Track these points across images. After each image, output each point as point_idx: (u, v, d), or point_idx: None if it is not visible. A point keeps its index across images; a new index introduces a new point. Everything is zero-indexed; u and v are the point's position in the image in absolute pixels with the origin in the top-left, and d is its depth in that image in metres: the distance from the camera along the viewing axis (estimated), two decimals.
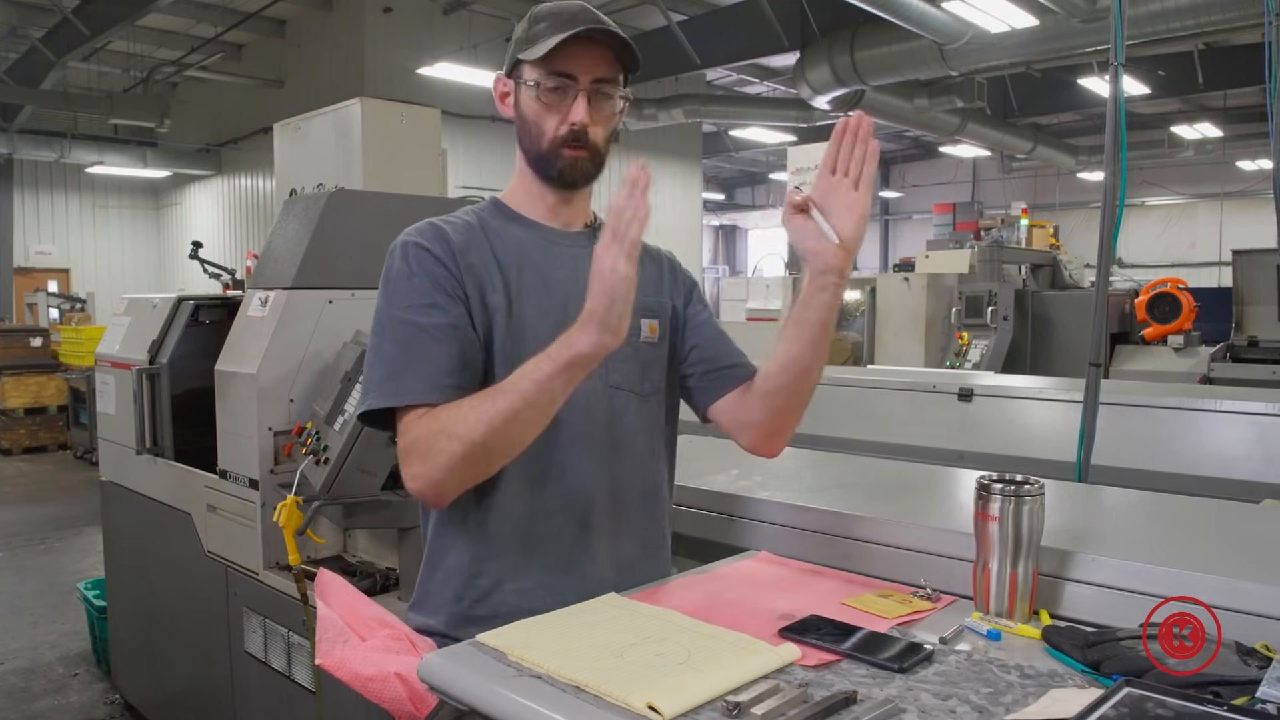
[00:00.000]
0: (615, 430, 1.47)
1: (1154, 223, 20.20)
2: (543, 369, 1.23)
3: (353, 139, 3.32)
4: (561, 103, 1.41)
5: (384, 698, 1.29)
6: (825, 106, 10.96)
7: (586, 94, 1.40)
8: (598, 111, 1.42)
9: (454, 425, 1.25)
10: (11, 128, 13.88)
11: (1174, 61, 11.86)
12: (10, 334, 10.33)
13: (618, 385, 1.48)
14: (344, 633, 1.39)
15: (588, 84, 1.40)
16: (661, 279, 1.57)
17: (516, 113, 1.46)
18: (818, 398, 1.51)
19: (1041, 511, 1.29)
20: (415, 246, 1.39)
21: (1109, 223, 2.09)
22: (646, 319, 1.50)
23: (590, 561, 1.44)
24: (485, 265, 1.41)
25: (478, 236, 1.44)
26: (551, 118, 1.41)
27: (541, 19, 1.41)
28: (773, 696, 1.00)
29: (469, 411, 1.26)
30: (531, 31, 1.41)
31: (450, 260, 1.38)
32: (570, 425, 1.42)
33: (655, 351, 1.52)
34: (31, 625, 4.69)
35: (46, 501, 7.61)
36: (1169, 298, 5.72)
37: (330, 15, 12.24)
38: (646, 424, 1.52)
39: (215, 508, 2.74)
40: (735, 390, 1.52)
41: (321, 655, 1.37)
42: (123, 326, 3.44)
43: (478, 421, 1.24)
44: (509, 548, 1.41)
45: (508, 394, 1.24)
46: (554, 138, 1.41)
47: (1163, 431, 3.03)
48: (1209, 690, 1.04)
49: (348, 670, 1.33)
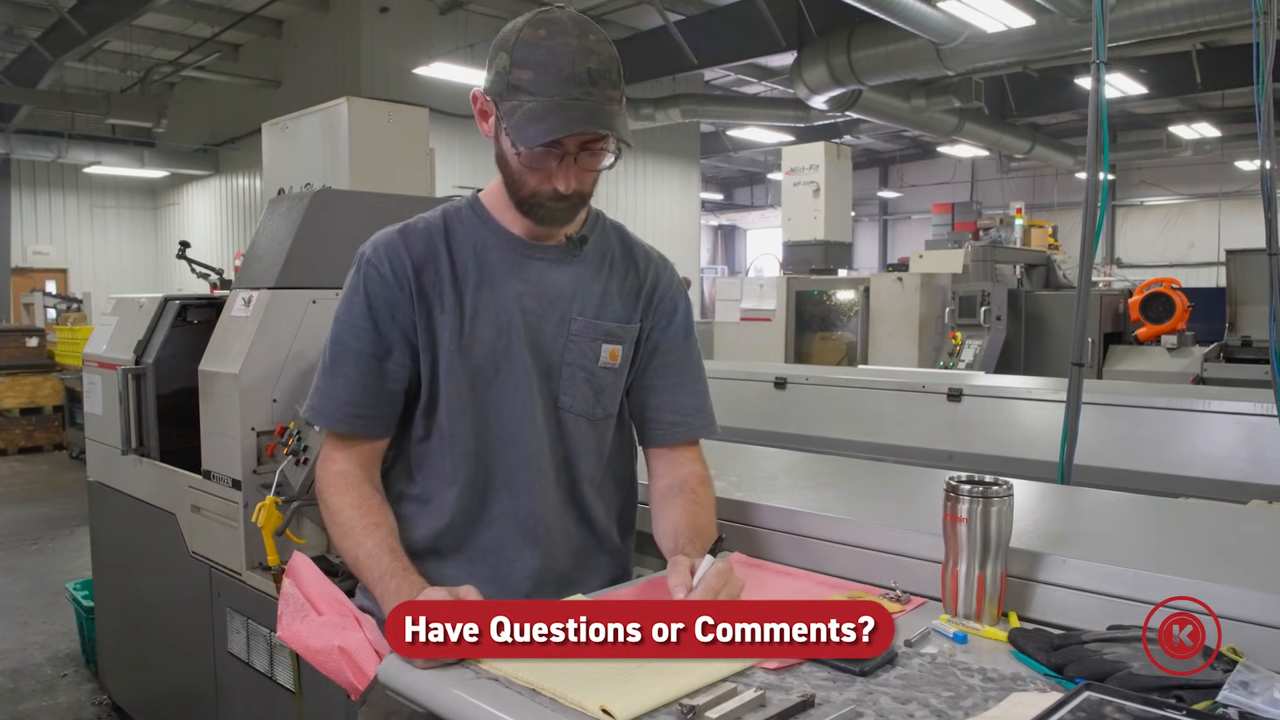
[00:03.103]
0: (562, 451, 1.46)
1: (1152, 223, 20.21)
2: (367, 572, 1.32)
3: (340, 138, 3.32)
4: (546, 163, 1.32)
5: (329, 669, 1.35)
6: (823, 106, 10.96)
7: (574, 157, 1.31)
8: (585, 169, 1.34)
9: (327, 511, 1.40)
10: (9, 128, 13.88)
11: (1171, 61, 11.87)
12: (6, 334, 10.32)
13: (567, 408, 1.46)
14: (303, 607, 1.41)
15: (575, 149, 1.31)
16: (638, 297, 1.50)
17: (496, 144, 1.37)
18: (807, 397, 1.51)
19: (1010, 513, 1.28)
20: (368, 263, 1.41)
21: (1091, 222, 2.08)
22: (609, 344, 1.46)
23: (530, 578, 1.45)
24: (437, 284, 1.40)
25: (437, 249, 1.42)
26: (535, 174, 1.34)
27: (525, 66, 1.27)
28: (729, 700, 0.99)
29: (332, 524, 1.39)
30: (512, 79, 1.28)
31: (399, 277, 1.39)
32: (518, 444, 1.43)
33: (613, 377, 1.48)
34: (21, 625, 4.68)
35: (40, 502, 7.61)
36: (1163, 298, 5.71)
37: (327, 15, 12.23)
38: (595, 446, 1.50)
39: (199, 508, 2.73)
40: (665, 446, 1.51)
41: (282, 629, 1.42)
42: (110, 326, 3.43)
43: (331, 529, 1.39)
44: (451, 561, 1.43)
45: (348, 550, 1.35)
46: (536, 190, 1.35)
47: (1151, 432, 3.02)
48: (1173, 694, 1.03)
49: (301, 643, 1.38)
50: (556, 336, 1.44)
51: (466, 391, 1.41)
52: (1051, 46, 8.52)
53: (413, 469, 1.46)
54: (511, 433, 1.42)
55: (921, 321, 6.04)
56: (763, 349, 6.53)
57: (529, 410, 1.42)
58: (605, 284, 1.48)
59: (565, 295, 1.44)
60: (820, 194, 7.39)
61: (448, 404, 1.41)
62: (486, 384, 1.41)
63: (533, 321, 1.42)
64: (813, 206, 7.45)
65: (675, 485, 1.47)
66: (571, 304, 1.44)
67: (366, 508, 1.37)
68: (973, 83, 11.55)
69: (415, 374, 1.42)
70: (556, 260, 1.45)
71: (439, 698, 1.05)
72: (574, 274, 1.45)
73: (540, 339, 1.43)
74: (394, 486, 1.48)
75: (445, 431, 1.42)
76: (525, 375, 1.42)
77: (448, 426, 1.42)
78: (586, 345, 1.44)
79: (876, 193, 23.89)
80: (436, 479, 1.44)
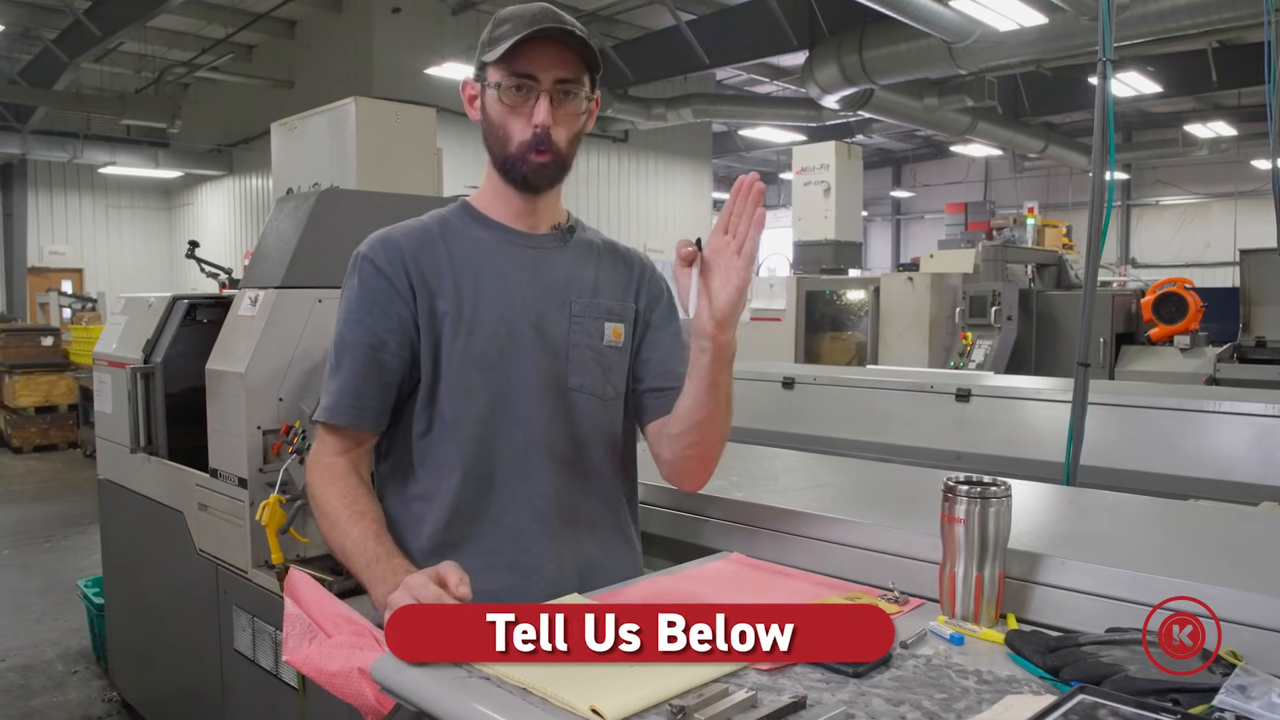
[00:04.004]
0: (575, 432, 1.47)
1: (1168, 222, 20.07)
2: (354, 559, 1.33)
3: (347, 138, 3.33)
4: (524, 105, 1.40)
5: (347, 693, 1.30)
6: (835, 106, 10.93)
7: (549, 95, 1.39)
8: (561, 111, 1.41)
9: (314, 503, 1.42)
10: (25, 129, 13.99)
11: (1187, 60, 11.77)
12: (21, 333, 10.40)
13: (578, 388, 1.47)
14: (310, 629, 1.39)
15: (550, 84, 1.40)
16: (630, 282, 1.56)
17: (483, 116, 1.46)
18: (815, 397, 1.51)
19: (1008, 514, 1.27)
20: (362, 258, 1.45)
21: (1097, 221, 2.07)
22: (611, 323, 1.51)
23: (552, 564, 1.44)
24: (437, 272, 1.44)
25: (433, 242, 1.46)
26: (515, 120, 1.41)
27: (504, 21, 1.41)
28: (719, 701, 0.98)
29: (320, 516, 1.41)
30: (494, 34, 1.41)
31: (394, 271, 1.43)
32: (527, 426, 1.43)
33: (619, 356, 1.52)
34: (34, 622, 4.71)
35: (54, 499, 7.67)
36: (1175, 297, 5.66)
37: (339, 16, 12.28)
38: (608, 426, 1.51)
39: (206, 506, 2.75)
40: (665, 417, 1.50)
41: (288, 652, 1.38)
42: (120, 325, 3.45)
43: (319, 522, 1.41)
44: (468, 551, 1.41)
45: (335, 540, 1.37)
46: (519, 142, 1.41)
47: (1161, 433, 2.99)
48: (1169, 697, 1.02)
49: (313, 666, 1.34)
50: (559, 320, 1.47)
51: (471, 374, 1.42)
52: (1065, 45, 8.46)
53: (416, 466, 1.47)
54: (519, 415, 1.43)
55: (932, 321, 6.01)
56: (773, 349, 6.51)
57: (538, 391, 1.44)
58: (597, 270, 1.53)
59: (562, 280, 1.49)
60: (831, 193, 7.37)
61: (450, 389, 1.42)
62: (492, 367, 1.43)
63: (535, 305, 1.46)
64: (823, 206, 7.43)
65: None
66: (569, 288, 1.49)
67: (353, 497, 1.38)
68: (986, 82, 11.49)
69: (411, 367, 1.43)
70: (549, 249, 1.51)
71: (430, 695, 1.05)
72: (567, 261, 1.51)
73: (544, 323, 1.46)
74: (400, 490, 1.48)
75: (447, 419, 1.43)
76: (531, 357, 1.44)
77: (449, 413, 1.43)
78: (590, 324, 1.49)
79: (889, 192, 23.80)
80: (440, 469, 1.44)
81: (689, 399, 1.38)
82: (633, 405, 1.56)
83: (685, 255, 1.26)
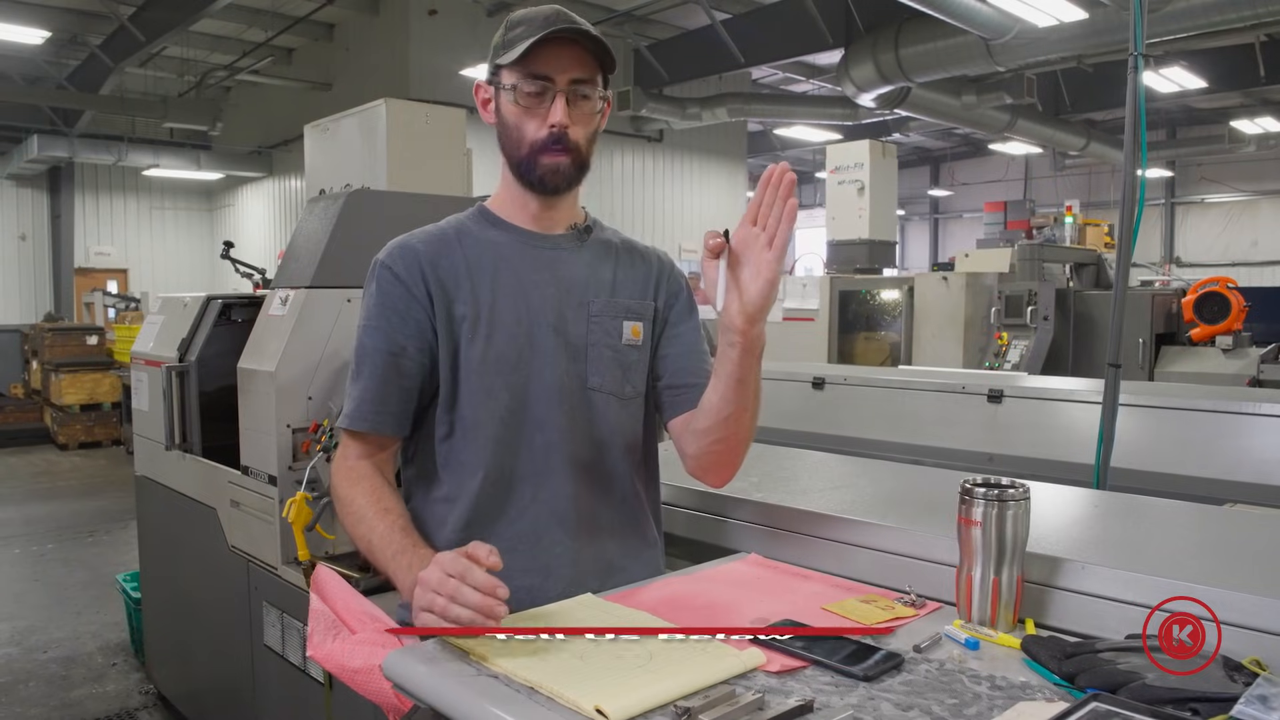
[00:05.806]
0: (595, 433, 1.47)
1: (1214, 221, 19.66)
2: (380, 553, 1.34)
3: (378, 139, 3.36)
4: (540, 106, 1.41)
5: (370, 689, 1.31)
6: (871, 104, 10.84)
7: (565, 95, 1.40)
8: (577, 112, 1.42)
9: (339, 504, 1.44)
10: (73, 132, 14.34)
11: (1234, 54, 11.52)
12: (67, 332, 10.64)
13: (597, 388, 1.48)
14: (334, 625, 1.40)
15: (565, 85, 1.40)
16: (649, 280, 1.56)
17: (498, 119, 1.46)
18: (846, 397, 1.49)
19: (1026, 517, 1.25)
20: (381, 266, 1.47)
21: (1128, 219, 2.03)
22: (630, 321, 1.50)
23: (572, 564, 1.45)
24: (454, 276, 1.45)
25: (451, 246, 1.47)
26: (531, 121, 1.42)
27: (518, 24, 1.41)
28: (725, 703, 0.98)
29: (345, 514, 1.42)
30: (508, 36, 1.42)
31: (411, 277, 1.44)
32: (547, 428, 1.44)
33: (638, 354, 1.51)
34: (75, 615, 4.82)
35: (97, 495, 7.83)
36: (1218, 297, 5.53)
37: (377, 18, 12.40)
38: (628, 426, 1.51)
39: (238, 503, 2.79)
40: (689, 412, 1.48)
41: (313, 648, 1.40)
42: (156, 325, 3.51)
43: (344, 520, 1.42)
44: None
45: (362, 536, 1.38)
46: (534, 141, 1.42)
47: (1198, 435, 2.93)
48: (1187, 706, 1.00)
49: (336, 663, 1.35)
50: (578, 320, 1.47)
51: (491, 376, 1.43)
52: (1105, 41, 8.31)
53: (439, 469, 1.48)
54: (539, 416, 1.44)
55: (967, 322, 5.94)
56: (805, 349, 6.47)
57: (557, 392, 1.44)
58: (615, 269, 1.53)
59: (580, 280, 1.49)
60: (865, 192, 7.30)
61: (470, 391, 1.43)
62: (512, 368, 1.43)
63: (554, 306, 1.46)
64: (857, 205, 7.36)
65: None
66: (587, 288, 1.49)
67: (378, 495, 1.39)
68: (1025, 79, 11.31)
69: (431, 372, 1.45)
70: (567, 249, 1.51)
71: (438, 692, 1.06)
72: (585, 261, 1.51)
73: (563, 323, 1.46)
74: (425, 493, 1.50)
75: (468, 422, 1.44)
76: (551, 358, 1.44)
77: (470, 416, 1.43)
78: (609, 323, 1.49)
79: (927, 191, 23.54)
80: (462, 472, 1.45)
81: (716, 394, 1.36)
82: (654, 402, 1.56)
83: (713, 247, 1.23)
